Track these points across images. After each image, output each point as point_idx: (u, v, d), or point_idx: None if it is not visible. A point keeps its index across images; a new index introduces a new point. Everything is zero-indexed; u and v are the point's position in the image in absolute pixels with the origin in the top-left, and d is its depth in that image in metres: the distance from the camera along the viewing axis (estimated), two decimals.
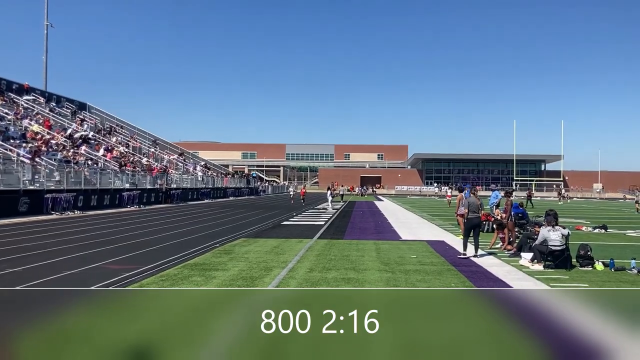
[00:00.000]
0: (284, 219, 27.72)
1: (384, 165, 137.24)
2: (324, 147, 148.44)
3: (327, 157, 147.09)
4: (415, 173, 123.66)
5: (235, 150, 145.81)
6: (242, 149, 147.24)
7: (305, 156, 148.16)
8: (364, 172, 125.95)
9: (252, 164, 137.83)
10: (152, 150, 57.00)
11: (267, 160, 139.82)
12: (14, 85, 47.79)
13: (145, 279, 10.37)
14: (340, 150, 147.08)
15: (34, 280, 10.03)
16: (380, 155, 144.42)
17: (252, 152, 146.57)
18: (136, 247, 15.23)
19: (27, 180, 27.62)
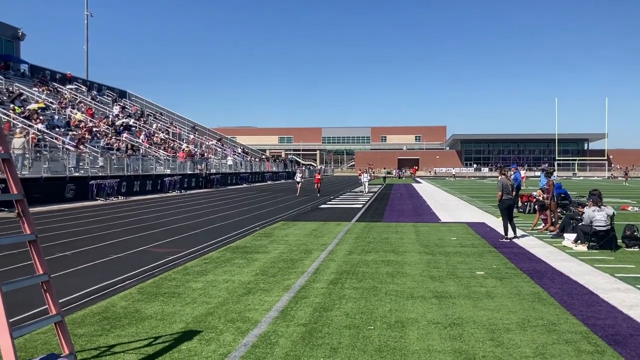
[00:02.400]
0: (321, 202, 27.86)
1: (421, 147, 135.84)
2: (360, 129, 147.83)
3: (363, 140, 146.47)
4: (454, 154, 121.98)
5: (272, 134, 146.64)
6: (278, 133, 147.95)
7: (341, 139, 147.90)
8: (401, 154, 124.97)
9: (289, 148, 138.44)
10: (192, 136, 57.86)
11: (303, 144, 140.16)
12: (57, 75, 49.10)
13: (189, 261, 10.64)
14: (377, 132, 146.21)
15: (84, 263, 10.42)
16: (418, 137, 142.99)
17: (289, 136, 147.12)
18: (179, 231, 15.60)
19: (72, 167, 28.47)
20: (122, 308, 7.16)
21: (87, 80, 54.71)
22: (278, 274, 9.37)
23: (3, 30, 47.84)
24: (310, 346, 5.65)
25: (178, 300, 7.56)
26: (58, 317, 4.55)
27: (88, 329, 6.20)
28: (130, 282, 8.75)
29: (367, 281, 8.80)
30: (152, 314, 6.90)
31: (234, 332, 6.14)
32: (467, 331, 6.18)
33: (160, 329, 6.28)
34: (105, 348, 5.62)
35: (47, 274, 4.56)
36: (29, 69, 46.72)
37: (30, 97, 37.89)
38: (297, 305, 7.26)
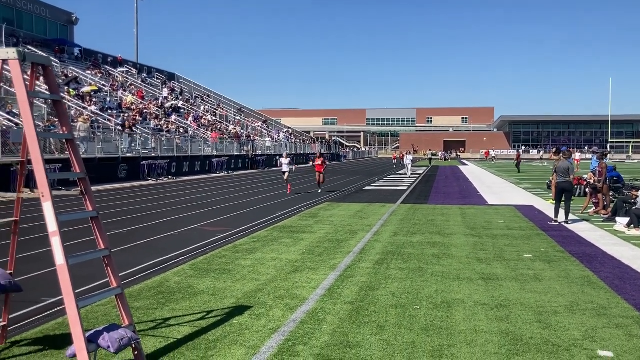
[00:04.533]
0: (365, 184, 27.89)
1: (468, 129, 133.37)
2: (405, 111, 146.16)
3: (408, 122, 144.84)
4: (502, 136, 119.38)
5: (316, 116, 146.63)
6: (322, 115, 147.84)
7: (386, 121, 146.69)
8: (447, 136, 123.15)
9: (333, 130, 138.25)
10: (238, 118, 58.58)
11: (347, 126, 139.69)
12: (109, 58, 50.38)
13: (238, 240, 10.92)
14: (423, 113, 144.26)
15: (138, 240, 10.83)
16: (465, 118, 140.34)
17: (333, 118, 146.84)
18: (227, 210, 15.96)
19: (124, 148, 29.36)
20: (175, 283, 7.46)
21: (137, 63, 55.97)
22: (324, 254, 9.52)
23: (58, 15, 49.33)
24: (357, 324, 5.77)
25: (228, 277, 7.81)
26: (118, 290, 4.80)
27: (144, 303, 6.50)
28: (182, 259, 9.08)
29: (413, 262, 8.85)
30: (204, 289, 7.16)
31: (283, 308, 6.32)
32: (514, 313, 6.18)
33: (212, 303, 6.53)
34: (161, 321, 5.89)
35: (108, 249, 4.82)
36: (82, 53, 48.08)
37: (84, 80, 39.08)
38: (344, 284, 7.40)
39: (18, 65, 4.43)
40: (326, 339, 5.31)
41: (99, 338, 4.33)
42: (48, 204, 4.32)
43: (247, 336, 5.38)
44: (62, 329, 5.57)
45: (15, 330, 5.45)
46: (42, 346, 5.08)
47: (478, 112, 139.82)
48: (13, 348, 5.05)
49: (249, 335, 5.42)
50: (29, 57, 4.58)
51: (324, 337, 5.35)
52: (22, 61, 4.47)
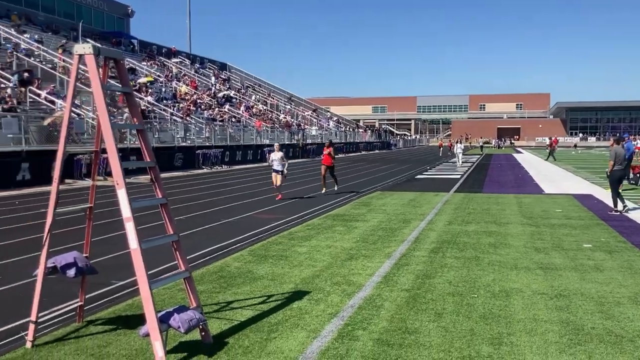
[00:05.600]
0: (417, 173, 27.70)
1: (523, 116, 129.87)
2: (457, 98, 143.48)
3: (460, 109, 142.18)
4: (558, 123, 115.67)
5: (366, 104, 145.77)
6: (372, 103, 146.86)
7: (437, 108, 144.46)
8: (500, 123, 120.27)
9: (383, 118, 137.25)
10: (288, 107, 59.03)
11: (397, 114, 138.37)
12: (163, 50, 51.67)
13: (293, 227, 11.12)
14: (475, 100, 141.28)
15: (195, 227, 11.18)
16: (519, 105, 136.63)
17: (382, 106, 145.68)
18: (282, 198, 16.20)
19: (180, 138, 30.14)
20: (235, 268, 7.70)
21: (190, 53, 57.16)
22: (378, 242, 9.60)
23: (115, 8, 50.86)
24: (415, 310, 5.84)
25: (286, 263, 8.00)
26: (186, 273, 5.04)
27: (207, 286, 6.76)
28: (241, 245, 9.34)
29: (469, 251, 8.81)
30: (263, 274, 7.37)
31: (340, 294, 6.45)
32: (575, 303, 6.10)
33: (272, 288, 6.72)
34: (224, 304, 6.13)
35: (177, 234, 5.05)
36: (138, 44, 49.44)
37: (140, 71, 40.23)
38: (400, 272, 7.46)
39: (93, 60, 4.68)
40: (384, 324, 5.41)
41: (169, 318, 4.57)
42: (122, 191, 4.57)
43: (307, 320, 5.53)
44: (132, 310, 5.87)
45: (89, 310, 5.78)
46: (115, 326, 5.38)
47: (533, 99, 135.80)
48: (89, 327, 5.37)
49: (309, 319, 5.57)
50: (103, 51, 4.83)
51: (382, 323, 5.44)
52: (97, 56, 4.72)
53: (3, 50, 29.16)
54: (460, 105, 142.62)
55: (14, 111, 21.46)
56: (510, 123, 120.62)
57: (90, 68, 4.69)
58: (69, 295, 6.08)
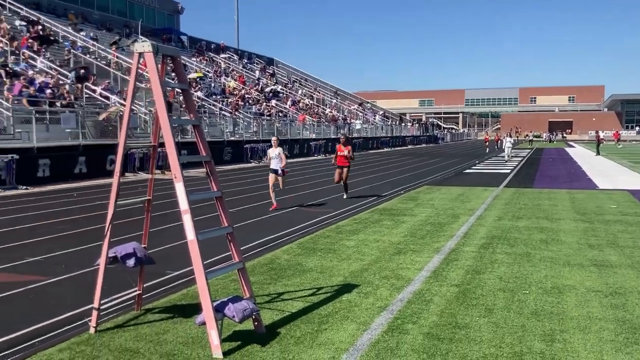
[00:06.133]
0: (466, 167, 27.32)
1: (575, 109, 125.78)
2: (506, 90, 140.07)
3: (510, 102, 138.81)
4: (613, 116, 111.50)
5: (412, 97, 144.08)
6: (418, 96, 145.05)
7: (486, 101, 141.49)
8: (552, 117, 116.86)
9: (430, 111, 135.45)
10: (334, 101, 59.10)
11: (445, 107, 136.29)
12: (212, 45, 52.52)
13: (340, 221, 11.20)
14: (526, 93, 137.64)
15: (245, 220, 11.39)
16: (572, 98, 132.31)
17: (430, 99, 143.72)
18: (327, 192, 16.31)
19: (228, 132, 30.65)
20: (285, 260, 7.84)
21: (238, 49, 57.90)
22: (427, 236, 9.56)
23: (166, 5, 52.01)
24: (465, 305, 5.82)
25: (334, 256, 8.09)
26: (240, 265, 5.18)
27: (258, 278, 6.91)
28: (289, 238, 9.48)
29: (520, 247, 8.69)
30: (312, 267, 7.48)
31: (389, 287, 6.49)
32: (631, 301, 5.95)
33: (321, 280, 6.82)
34: (275, 295, 6.26)
35: (231, 226, 5.20)
36: (188, 41, 50.42)
37: (190, 67, 41.05)
38: (449, 267, 7.43)
39: (152, 58, 4.86)
40: (434, 319, 5.42)
41: (224, 308, 4.72)
42: (180, 184, 4.74)
43: (356, 313, 5.60)
44: (187, 299, 6.07)
45: (147, 299, 6.00)
46: (172, 314, 5.58)
47: (586, 91, 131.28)
48: (147, 314, 5.59)
49: (359, 312, 5.63)
50: (161, 49, 5.00)
51: (432, 317, 5.46)
52: (155, 53, 4.90)
53: (61, 48, 30.29)
54: (510, 98, 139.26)
55: (72, 107, 22.31)
56: (562, 116, 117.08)
57: (149, 65, 4.87)
58: (127, 284, 6.33)
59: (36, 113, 19.51)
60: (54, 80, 23.71)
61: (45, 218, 11.59)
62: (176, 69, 5.23)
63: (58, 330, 5.15)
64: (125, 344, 4.81)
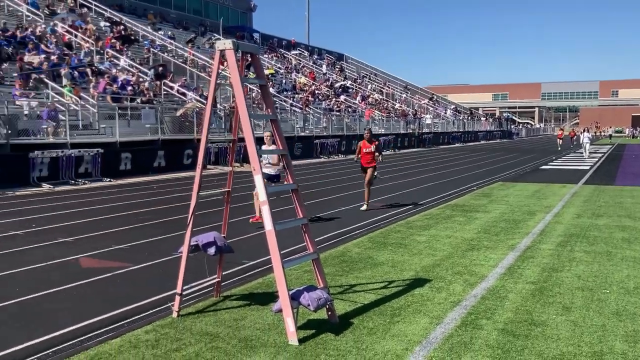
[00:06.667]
0: (542, 163, 26.42)
1: None
2: (586, 84, 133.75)
3: (589, 95, 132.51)
4: None
5: (485, 91, 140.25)
6: (492, 90, 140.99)
7: (563, 95, 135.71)
8: (636, 111, 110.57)
9: (504, 106, 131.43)
10: (404, 95, 58.55)
11: (519, 101, 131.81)
12: (283, 42, 53.30)
13: (410, 216, 11.16)
14: (607, 86, 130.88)
15: (316, 213, 11.56)
16: None
17: (504, 93, 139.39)
18: (396, 188, 16.27)
19: (299, 128, 31.06)
20: (356, 254, 7.93)
21: (309, 45, 58.42)
22: (501, 233, 9.38)
23: (239, 3, 53.22)
24: (541, 303, 5.70)
25: (405, 251, 8.09)
26: (315, 255, 5.31)
27: (330, 269, 7.03)
28: (360, 232, 9.57)
29: (600, 245, 8.37)
30: (383, 261, 7.53)
31: (462, 283, 6.44)
32: None
33: (392, 274, 6.86)
34: (347, 286, 6.36)
35: (306, 218, 5.33)
36: (260, 38, 51.37)
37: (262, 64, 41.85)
38: (524, 264, 7.27)
39: (233, 55, 5.05)
40: (509, 315, 5.35)
41: (300, 297, 4.86)
42: (258, 177, 4.91)
43: (429, 307, 5.61)
44: (262, 287, 6.28)
45: (225, 286, 6.25)
46: (249, 301, 5.80)
47: None
48: (226, 301, 5.83)
49: (431, 306, 5.64)
50: (241, 46, 5.20)
51: (506, 314, 5.39)
52: (236, 51, 5.09)
53: (141, 47, 31.67)
54: (589, 92, 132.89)
55: (151, 103, 23.32)
56: None
57: (230, 62, 5.07)
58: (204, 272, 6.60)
59: (119, 109, 20.53)
60: (135, 78, 24.85)
61: (128, 209, 12.23)
62: (255, 65, 5.41)
63: (143, 314, 5.48)
64: (206, 328, 5.05)
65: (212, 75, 5.43)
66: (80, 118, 19.93)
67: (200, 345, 4.63)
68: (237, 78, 5.04)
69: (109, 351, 4.53)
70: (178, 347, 4.61)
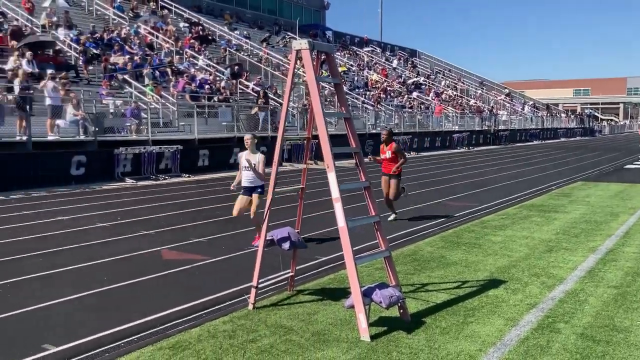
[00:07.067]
0: (627, 162, 25.06)
1: None
2: None
3: None
4: None
5: (566, 87, 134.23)
6: (573, 85, 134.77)
7: None
8: None
9: (585, 102, 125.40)
10: (479, 91, 57.11)
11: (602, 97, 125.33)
12: (355, 39, 53.35)
13: (485, 216, 10.92)
14: None
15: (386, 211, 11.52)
16: None
17: (585, 89, 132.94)
18: (470, 186, 15.94)
19: (370, 125, 31.01)
20: (428, 252, 7.87)
21: (381, 42, 58.14)
22: (581, 235, 9.02)
23: (312, 2, 53.74)
24: (624, 308, 5.46)
25: (479, 251, 7.95)
26: (387, 253, 5.34)
27: (402, 268, 7.02)
28: (432, 231, 9.48)
29: None
30: (456, 260, 7.43)
31: (539, 285, 6.26)
32: None
33: (466, 274, 6.76)
34: (419, 285, 6.34)
35: (378, 216, 5.37)
36: (332, 36, 51.61)
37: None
38: (606, 267, 6.98)
39: (309, 54, 5.16)
40: (589, 319, 5.16)
41: (372, 293, 4.90)
42: (332, 174, 4.99)
43: (504, 308, 5.50)
44: (334, 283, 6.37)
45: (298, 281, 6.39)
46: (321, 296, 5.90)
47: None
48: (299, 295, 5.96)
49: (506, 307, 5.53)
50: (317, 46, 5.29)
51: (586, 318, 5.20)
52: (312, 50, 5.19)
53: (218, 47, 32.64)
54: None
55: (227, 101, 24.00)
56: None
57: (305, 62, 5.17)
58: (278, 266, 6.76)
59: (197, 107, 21.26)
60: (212, 77, 25.66)
61: (205, 203, 12.68)
62: (329, 64, 5.49)
63: (221, 305, 5.69)
64: (280, 321, 5.19)
65: (289, 74, 5.55)
66: (161, 116, 20.83)
67: (274, 338, 4.78)
68: (312, 77, 5.14)
69: (189, 339, 4.75)
70: (254, 338, 4.78)
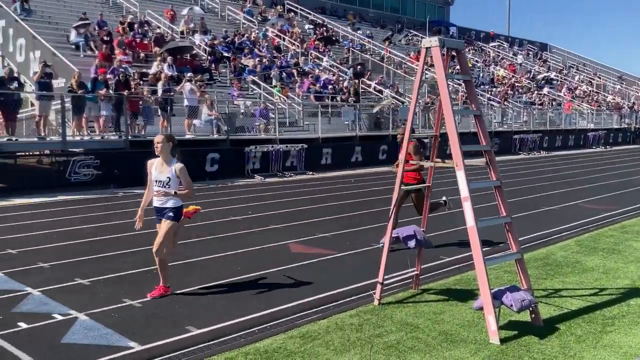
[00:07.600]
0: None
1: None
2: None
3: None
4: None
5: None
6: None
7: None
8: None
9: None
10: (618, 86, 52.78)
11: None
12: (481, 34, 51.56)
13: (626, 220, 10.15)
14: None
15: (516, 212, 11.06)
16: None
17: None
18: (608, 188, 14.84)
19: (496, 123, 29.85)
20: (561, 257, 7.48)
21: (509, 36, 55.72)
22: None
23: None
24: None
25: (620, 257, 7.42)
26: (518, 255, 5.17)
27: (533, 272, 6.73)
28: (566, 234, 8.97)
29: None
30: (593, 266, 7.00)
31: None
32: None
33: (604, 281, 6.35)
34: (552, 290, 6.05)
35: (510, 216, 5.21)
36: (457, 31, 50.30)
37: None
38: None
39: (438, 52, 5.13)
40: None
41: (502, 296, 4.78)
42: (461, 172, 4.93)
43: None
44: (460, 284, 6.27)
45: (422, 279, 6.36)
46: (447, 297, 5.84)
47: None
48: (424, 294, 5.95)
49: None
50: (447, 43, 5.24)
51: None
52: (442, 47, 5.15)
53: (341, 47, 33.15)
54: None
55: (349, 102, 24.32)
56: None
57: (435, 59, 5.15)
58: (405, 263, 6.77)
59: (321, 107, 21.77)
60: (335, 77, 26.11)
61: (329, 200, 12.97)
62: (460, 61, 5.42)
63: (347, 299, 5.83)
64: (406, 318, 5.22)
65: (418, 72, 5.55)
66: (287, 116, 21.59)
67: (401, 334, 4.82)
68: (442, 75, 5.10)
69: (318, 330, 4.93)
70: (380, 333, 4.85)
